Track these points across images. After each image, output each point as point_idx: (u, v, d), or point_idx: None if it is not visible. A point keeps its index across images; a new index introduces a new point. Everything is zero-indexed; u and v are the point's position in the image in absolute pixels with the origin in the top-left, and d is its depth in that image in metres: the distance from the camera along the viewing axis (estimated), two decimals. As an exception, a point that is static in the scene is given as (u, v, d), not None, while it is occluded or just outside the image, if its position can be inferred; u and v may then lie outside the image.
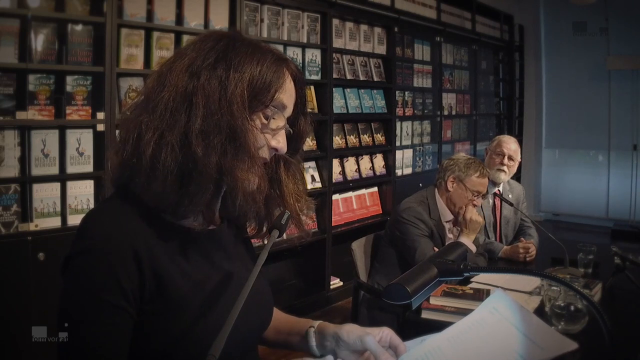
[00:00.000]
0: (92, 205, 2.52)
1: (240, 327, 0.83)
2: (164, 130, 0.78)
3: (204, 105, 0.78)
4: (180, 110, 0.78)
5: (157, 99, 0.80)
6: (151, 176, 0.78)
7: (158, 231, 0.81)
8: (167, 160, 0.77)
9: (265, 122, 0.84)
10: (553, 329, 1.52)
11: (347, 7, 3.87)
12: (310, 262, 3.80)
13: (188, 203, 0.79)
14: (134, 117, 0.81)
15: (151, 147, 0.77)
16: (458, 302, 1.79)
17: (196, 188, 0.78)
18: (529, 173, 6.46)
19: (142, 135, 0.79)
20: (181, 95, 0.79)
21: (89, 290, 0.75)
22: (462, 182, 2.36)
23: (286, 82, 0.86)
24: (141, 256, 0.77)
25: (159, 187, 0.78)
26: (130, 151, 0.80)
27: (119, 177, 0.84)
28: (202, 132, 0.77)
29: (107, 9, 2.50)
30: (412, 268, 0.90)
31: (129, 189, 0.83)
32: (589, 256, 2.20)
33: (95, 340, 0.75)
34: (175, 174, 0.77)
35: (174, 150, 0.77)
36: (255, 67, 0.82)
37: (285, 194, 0.92)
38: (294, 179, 0.94)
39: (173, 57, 0.85)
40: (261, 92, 0.82)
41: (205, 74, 0.79)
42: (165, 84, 0.80)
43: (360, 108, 4.11)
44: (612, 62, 5.91)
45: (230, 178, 0.79)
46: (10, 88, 2.29)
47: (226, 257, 0.91)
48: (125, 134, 0.81)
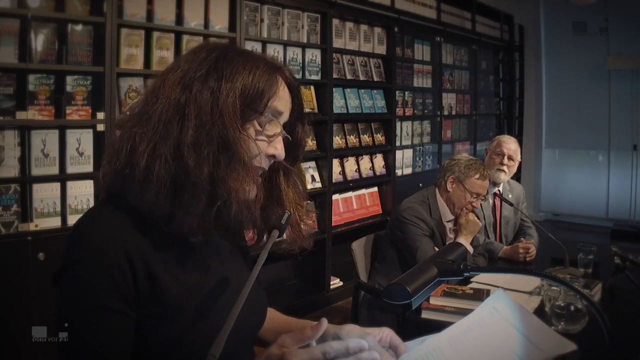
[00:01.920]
0: (92, 205, 2.51)
1: (241, 326, 0.83)
2: (157, 142, 0.78)
3: (196, 116, 0.78)
4: (173, 122, 0.78)
5: (151, 110, 0.80)
6: (144, 188, 0.78)
7: (151, 237, 0.81)
8: (160, 172, 0.77)
9: (260, 130, 0.84)
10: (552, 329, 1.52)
11: (347, 7, 3.87)
12: (310, 262, 3.80)
13: (182, 215, 0.79)
14: (129, 128, 0.82)
15: (144, 158, 0.77)
16: (458, 302, 1.79)
17: (189, 199, 0.78)
18: (529, 173, 6.47)
19: (135, 146, 0.79)
20: (174, 107, 0.79)
21: (89, 298, 0.76)
22: (462, 183, 2.36)
23: (280, 90, 0.85)
24: (134, 260, 0.78)
25: (152, 199, 0.78)
26: (123, 162, 0.80)
27: (111, 185, 0.84)
28: (193, 143, 0.78)
29: (107, 9, 2.50)
30: (412, 268, 0.91)
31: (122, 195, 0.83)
32: (589, 256, 2.20)
33: (99, 347, 0.75)
34: (169, 185, 0.78)
35: (167, 162, 0.77)
36: (248, 76, 0.82)
37: (285, 202, 0.92)
38: (294, 187, 0.95)
39: (167, 69, 0.85)
40: (254, 101, 0.82)
41: (197, 85, 0.80)
42: (159, 96, 0.81)
43: (360, 108, 4.11)
44: (612, 62, 5.92)
45: (224, 188, 0.79)
46: (10, 88, 2.29)
47: (221, 263, 0.91)
48: (119, 144, 0.82)
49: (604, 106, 6.07)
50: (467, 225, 2.32)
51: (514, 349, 0.90)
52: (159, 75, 0.85)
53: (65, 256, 0.78)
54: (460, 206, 2.36)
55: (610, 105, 6.05)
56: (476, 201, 2.37)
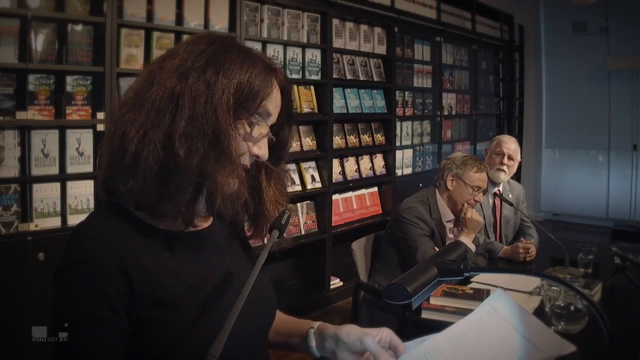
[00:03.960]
0: (92, 205, 2.52)
1: (245, 325, 0.83)
2: (148, 129, 0.78)
3: (190, 107, 0.78)
4: (166, 110, 0.79)
5: (145, 97, 0.80)
6: (132, 173, 0.79)
7: (147, 240, 0.82)
8: (149, 159, 0.77)
9: (249, 130, 0.84)
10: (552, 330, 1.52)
11: (347, 7, 3.87)
12: (310, 262, 3.80)
13: (167, 202, 0.80)
14: (122, 115, 0.82)
15: (134, 144, 0.78)
16: (458, 302, 1.79)
17: (175, 188, 0.79)
18: (529, 173, 6.46)
19: (126, 132, 0.79)
20: (168, 95, 0.79)
21: (77, 303, 0.76)
22: (461, 179, 2.37)
23: (273, 92, 0.86)
24: (129, 268, 0.78)
25: (139, 184, 0.79)
26: (115, 148, 0.81)
27: (105, 175, 0.84)
28: (185, 134, 0.78)
29: (107, 9, 2.50)
30: (412, 268, 0.91)
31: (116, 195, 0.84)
32: (589, 256, 2.20)
33: (83, 351, 0.76)
34: (155, 172, 0.78)
35: (156, 149, 0.77)
36: (244, 75, 0.82)
37: (264, 200, 0.93)
38: (275, 186, 0.95)
39: (165, 56, 0.85)
40: (247, 100, 0.82)
41: (194, 76, 0.80)
42: (154, 82, 0.81)
43: (360, 108, 4.11)
44: (612, 62, 5.91)
45: (211, 182, 0.80)
46: (10, 88, 2.29)
47: (222, 256, 0.91)
48: (113, 132, 0.82)
49: (604, 106, 6.06)
50: (471, 220, 2.32)
51: (514, 349, 0.90)
52: (155, 61, 0.85)
53: (63, 257, 0.79)
54: (463, 201, 2.37)
55: (610, 105, 6.05)
56: (478, 194, 2.38)
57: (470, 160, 2.42)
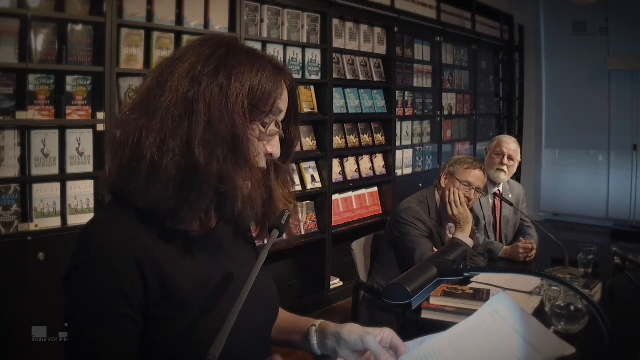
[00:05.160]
0: (92, 205, 2.52)
1: (249, 323, 0.84)
2: (166, 136, 0.78)
3: (205, 113, 0.78)
4: (183, 117, 0.78)
5: (157, 103, 0.80)
6: (150, 181, 0.78)
7: (158, 236, 0.82)
8: (169, 167, 0.77)
9: (263, 130, 0.85)
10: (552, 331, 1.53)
11: (347, 7, 3.87)
12: (310, 262, 3.80)
13: (187, 209, 0.80)
14: (133, 120, 0.81)
15: (152, 152, 0.77)
16: (458, 302, 1.79)
17: (197, 195, 0.79)
18: (529, 173, 6.46)
19: (142, 139, 0.78)
20: (182, 101, 0.79)
21: (95, 302, 0.76)
22: (453, 176, 2.37)
23: (284, 92, 0.87)
24: (143, 264, 0.78)
25: (158, 193, 0.78)
26: (129, 155, 0.80)
27: (116, 180, 0.84)
28: (204, 140, 0.78)
29: (107, 9, 2.50)
30: (412, 268, 0.91)
31: (125, 193, 0.83)
32: (589, 256, 2.20)
33: (103, 350, 0.76)
34: (176, 180, 0.78)
35: (176, 157, 0.77)
36: (255, 77, 0.82)
37: (275, 198, 0.93)
38: (284, 184, 0.96)
39: (171, 59, 0.84)
40: (261, 102, 0.83)
41: (206, 81, 0.80)
42: (165, 88, 0.80)
43: (360, 108, 4.11)
44: (612, 62, 5.92)
45: (231, 186, 0.80)
46: (10, 88, 2.29)
47: (226, 256, 0.92)
48: (124, 137, 0.81)
49: (604, 106, 6.07)
50: (459, 215, 2.27)
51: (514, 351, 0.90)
52: (162, 64, 0.84)
53: (74, 258, 0.79)
54: (450, 194, 2.32)
55: (610, 105, 6.05)
56: (469, 191, 2.34)
57: (464, 159, 2.43)
